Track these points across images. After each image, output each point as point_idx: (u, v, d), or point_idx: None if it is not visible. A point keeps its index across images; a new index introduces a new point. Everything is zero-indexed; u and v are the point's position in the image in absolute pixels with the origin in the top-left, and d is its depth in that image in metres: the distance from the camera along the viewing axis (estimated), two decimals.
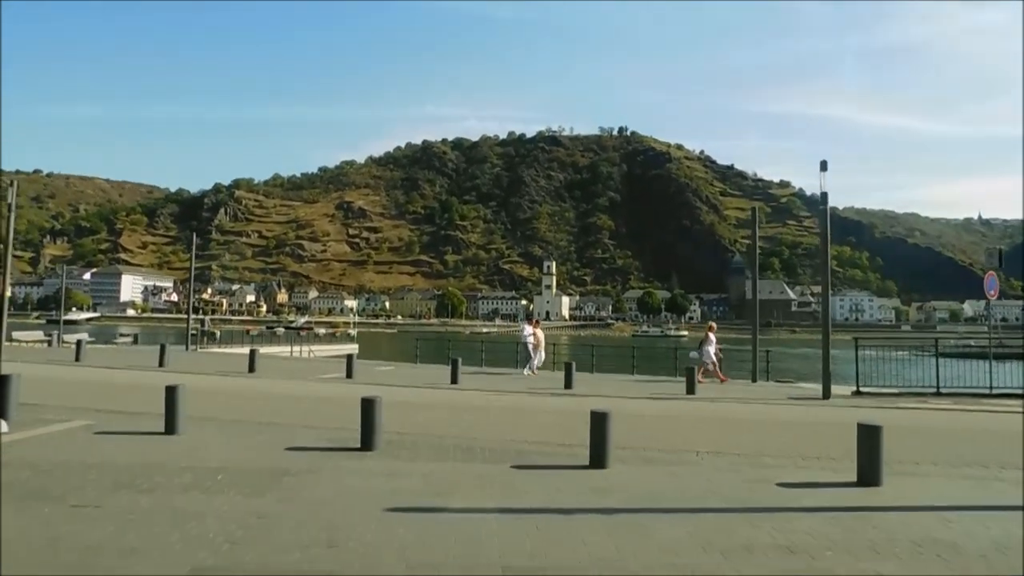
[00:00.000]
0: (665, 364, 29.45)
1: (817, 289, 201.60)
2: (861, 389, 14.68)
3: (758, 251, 22.09)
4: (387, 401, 12.15)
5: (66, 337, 30.14)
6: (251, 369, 17.51)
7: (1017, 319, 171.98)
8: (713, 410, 12.04)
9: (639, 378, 19.75)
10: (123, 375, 15.71)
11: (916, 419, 11.17)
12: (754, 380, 18.51)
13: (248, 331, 44.04)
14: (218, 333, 34.07)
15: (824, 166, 13.85)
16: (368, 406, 7.42)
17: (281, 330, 52.18)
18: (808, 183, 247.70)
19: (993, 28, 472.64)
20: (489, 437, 8.50)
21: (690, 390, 14.37)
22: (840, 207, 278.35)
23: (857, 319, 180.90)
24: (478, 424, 9.63)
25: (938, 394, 14.68)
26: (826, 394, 13.85)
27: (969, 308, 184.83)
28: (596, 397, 13.55)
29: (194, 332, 32.98)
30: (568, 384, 15.05)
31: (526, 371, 18.43)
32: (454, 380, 15.60)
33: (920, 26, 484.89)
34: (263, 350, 31.55)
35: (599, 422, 6.84)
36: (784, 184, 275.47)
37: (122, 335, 37.63)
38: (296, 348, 30.57)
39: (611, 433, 6.84)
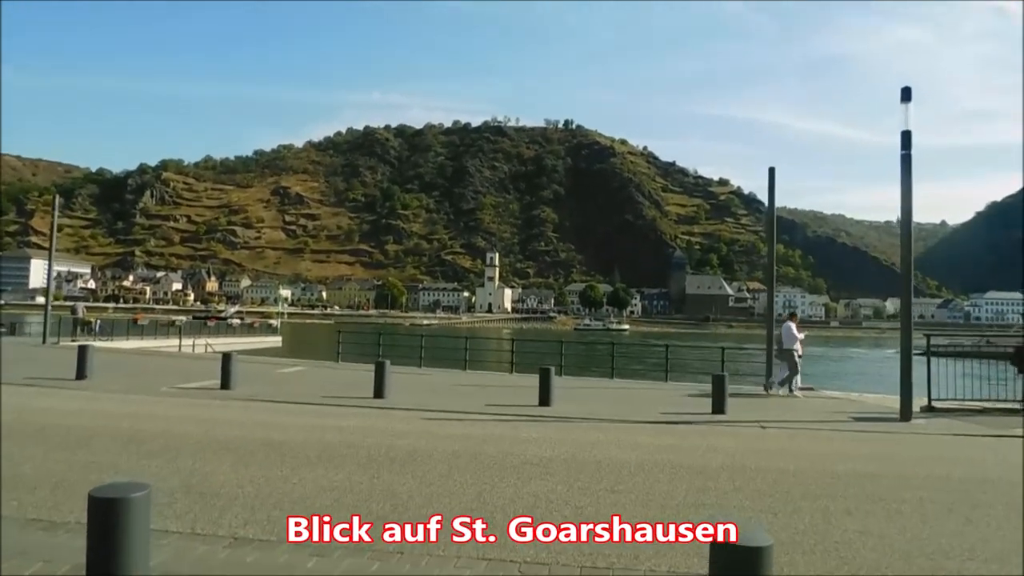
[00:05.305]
0: (638, 362, 25.52)
1: (753, 285, 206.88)
2: (934, 404, 10.97)
3: (697, 247, 18.30)
4: (265, 439, 6.83)
5: None
6: (80, 374, 11.91)
7: (932, 316, 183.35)
8: (782, 448, 7.80)
9: (625, 384, 15.60)
10: None
11: None
12: (768, 389, 14.75)
13: (136, 319, 37.02)
14: (95, 322, 27.45)
15: (907, 93, 9.94)
16: (105, 511, 2.40)
17: (182, 319, 44.95)
18: (746, 183, 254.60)
19: (914, 46, 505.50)
20: (439, 547, 3.92)
21: (718, 408, 10.19)
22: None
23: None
24: (411, 500, 4.96)
25: None
26: (905, 414, 10.01)
27: (891, 306, 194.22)
28: (591, 422, 9.16)
29: (82, 322, 26.69)
30: (545, 400, 10.53)
31: (781, 389, 13.16)
32: (378, 393, 10.77)
33: (852, 42, 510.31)
34: (146, 344, 25.82)
35: None
36: (723, 182, 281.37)
37: None
38: (190, 342, 24.75)
39: None
